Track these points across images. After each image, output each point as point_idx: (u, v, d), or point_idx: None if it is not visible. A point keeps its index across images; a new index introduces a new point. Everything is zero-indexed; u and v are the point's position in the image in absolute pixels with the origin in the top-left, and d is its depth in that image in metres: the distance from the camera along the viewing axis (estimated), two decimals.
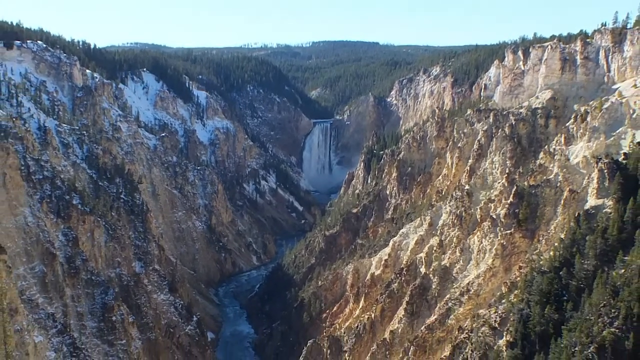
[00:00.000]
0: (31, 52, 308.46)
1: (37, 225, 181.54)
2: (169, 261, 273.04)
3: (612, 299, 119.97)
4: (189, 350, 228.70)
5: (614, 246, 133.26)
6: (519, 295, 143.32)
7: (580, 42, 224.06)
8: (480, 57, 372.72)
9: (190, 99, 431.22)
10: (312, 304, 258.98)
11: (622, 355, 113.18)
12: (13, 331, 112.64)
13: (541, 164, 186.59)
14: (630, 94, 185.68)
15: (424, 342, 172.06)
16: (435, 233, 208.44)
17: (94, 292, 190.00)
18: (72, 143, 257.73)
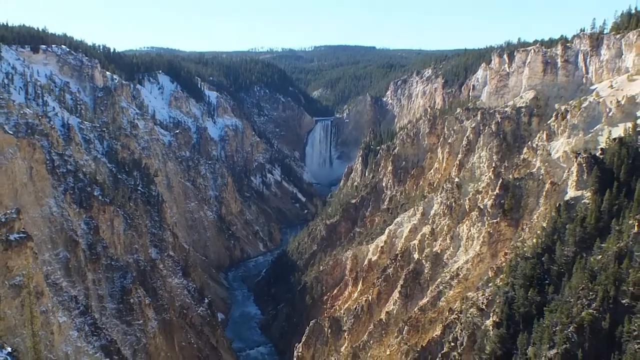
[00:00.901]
0: (56, 55, 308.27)
1: (61, 214, 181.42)
2: (183, 248, 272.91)
3: (590, 282, 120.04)
4: (201, 330, 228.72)
5: (591, 234, 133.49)
6: (505, 279, 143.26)
7: (560, 46, 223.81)
8: (468, 60, 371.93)
9: (202, 99, 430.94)
10: (314, 287, 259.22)
11: (599, 334, 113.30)
12: (39, 312, 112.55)
13: (525, 159, 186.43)
14: (607, 94, 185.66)
15: (417, 322, 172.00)
16: (428, 222, 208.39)
17: (113, 276, 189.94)
18: (94, 139, 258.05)
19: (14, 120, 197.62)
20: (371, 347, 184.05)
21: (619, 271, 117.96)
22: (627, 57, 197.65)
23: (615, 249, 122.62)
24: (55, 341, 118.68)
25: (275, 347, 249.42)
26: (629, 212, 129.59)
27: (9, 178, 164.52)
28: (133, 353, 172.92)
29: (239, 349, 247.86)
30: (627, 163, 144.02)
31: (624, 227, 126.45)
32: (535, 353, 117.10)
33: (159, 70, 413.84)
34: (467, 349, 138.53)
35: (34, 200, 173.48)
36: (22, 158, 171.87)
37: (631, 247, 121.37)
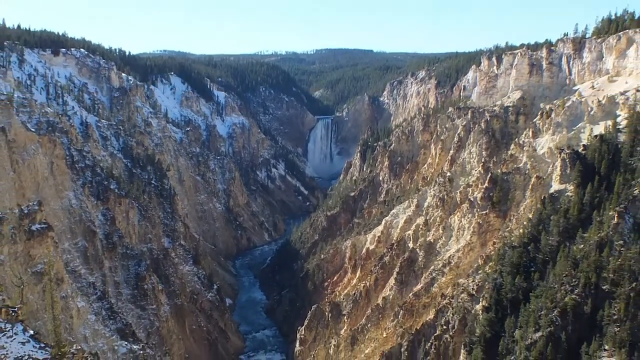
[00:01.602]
0: (75, 58, 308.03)
1: (80, 206, 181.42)
2: (193, 237, 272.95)
3: (573, 270, 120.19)
4: (210, 314, 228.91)
5: (574, 225, 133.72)
6: (493, 266, 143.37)
7: (545, 49, 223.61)
8: (459, 63, 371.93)
9: (211, 99, 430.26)
10: (315, 274, 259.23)
11: (581, 318, 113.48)
12: (59, 297, 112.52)
13: (512, 154, 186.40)
14: (589, 94, 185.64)
15: (412, 307, 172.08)
16: (421, 213, 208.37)
17: (128, 264, 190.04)
18: (110, 136, 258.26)
19: (36, 119, 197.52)
20: (369, 330, 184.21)
21: (600, 259, 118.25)
22: (607, 59, 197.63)
23: (596, 239, 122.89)
24: (75, 324, 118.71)
25: (280, 330, 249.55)
26: (609, 204, 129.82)
27: (32, 172, 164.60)
28: (147, 335, 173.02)
29: (246, 332, 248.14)
30: (607, 158, 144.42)
31: (604, 218, 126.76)
32: (521, 335, 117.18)
33: (171, 72, 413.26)
34: (458, 331, 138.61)
35: (55, 193, 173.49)
36: (44, 154, 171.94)
37: (611, 236, 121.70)
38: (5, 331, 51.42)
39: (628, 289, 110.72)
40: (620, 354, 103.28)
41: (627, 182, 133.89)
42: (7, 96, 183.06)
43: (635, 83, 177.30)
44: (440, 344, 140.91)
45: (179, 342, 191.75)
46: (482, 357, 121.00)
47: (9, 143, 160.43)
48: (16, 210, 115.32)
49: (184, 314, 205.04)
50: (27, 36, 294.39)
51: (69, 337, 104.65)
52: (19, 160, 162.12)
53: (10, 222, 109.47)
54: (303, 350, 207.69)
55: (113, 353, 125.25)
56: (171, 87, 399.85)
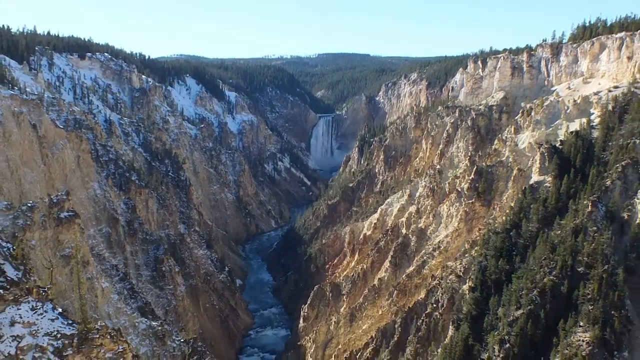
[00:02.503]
0: (99, 61, 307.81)
1: (104, 196, 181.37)
2: (206, 224, 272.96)
3: (551, 253, 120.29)
4: (222, 294, 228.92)
5: (552, 213, 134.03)
6: (479, 250, 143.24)
7: (526, 54, 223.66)
8: (448, 66, 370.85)
9: (223, 98, 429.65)
10: (317, 258, 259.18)
11: (559, 297, 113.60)
12: (85, 278, 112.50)
13: (496, 149, 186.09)
14: (565, 94, 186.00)
15: (405, 287, 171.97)
16: (414, 202, 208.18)
17: (148, 248, 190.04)
18: (131, 132, 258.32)
19: (64, 117, 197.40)
20: (366, 308, 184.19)
21: (575, 244, 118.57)
22: (582, 63, 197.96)
23: (572, 225, 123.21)
24: (99, 303, 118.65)
25: (285, 308, 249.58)
26: (584, 194, 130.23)
27: (60, 165, 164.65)
28: (165, 313, 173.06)
29: (254, 310, 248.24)
30: (582, 152, 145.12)
31: (579, 207, 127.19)
32: (504, 313, 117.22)
33: (186, 74, 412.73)
34: (447, 309, 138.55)
35: (81, 184, 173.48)
36: (71, 148, 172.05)
37: (585, 223, 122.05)
38: (36, 309, 51.38)
39: (601, 271, 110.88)
40: (593, 330, 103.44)
41: (600, 174, 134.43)
42: (38, 96, 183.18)
43: (608, 84, 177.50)
44: (431, 321, 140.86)
45: (194, 319, 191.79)
46: (469, 332, 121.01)
47: (39, 139, 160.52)
48: (46, 200, 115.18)
49: (198, 293, 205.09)
50: (56, 42, 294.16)
51: (94, 315, 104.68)
52: (48, 154, 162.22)
53: (40, 210, 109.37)
54: (306, 327, 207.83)
55: (134, 329, 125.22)
56: (187, 87, 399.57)
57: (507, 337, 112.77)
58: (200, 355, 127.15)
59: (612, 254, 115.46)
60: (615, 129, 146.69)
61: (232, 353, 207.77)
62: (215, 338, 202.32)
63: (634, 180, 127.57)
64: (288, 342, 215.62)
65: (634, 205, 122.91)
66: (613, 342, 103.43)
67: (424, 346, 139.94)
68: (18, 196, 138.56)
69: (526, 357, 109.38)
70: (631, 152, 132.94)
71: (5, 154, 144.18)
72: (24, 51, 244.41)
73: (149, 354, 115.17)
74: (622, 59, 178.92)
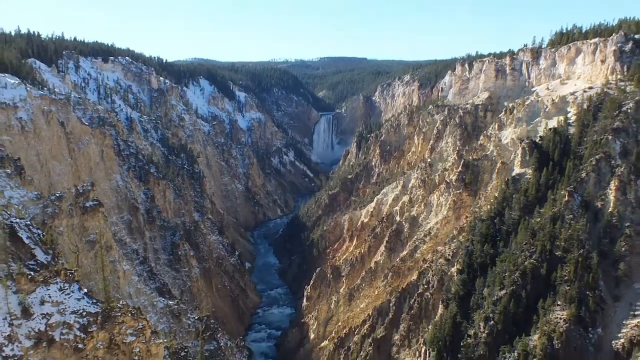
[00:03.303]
0: (121, 64, 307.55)
1: (125, 187, 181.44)
2: (218, 212, 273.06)
3: (531, 239, 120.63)
4: (233, 275, 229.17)
5: (532, 202, 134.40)
6: (466, 236, 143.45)
7: (509, 57, 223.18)
8: (438, 68, 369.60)
9: (233, 98, 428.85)
10: (319, 243, 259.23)
11: (538, 278, 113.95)
12: (108, 262, 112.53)
13: (481, 144, 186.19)
14: (544, 95, 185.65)
15: (398, 269, 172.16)
16: (407, 192, 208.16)
17: (165, 234, 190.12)
18: (150, 129, 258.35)
19: (89, 115, 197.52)
20: (363, 289, 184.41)
21: (554, 230, 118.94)
22: (559, 66, 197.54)
23: (550, 213, 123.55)
24: (121, 284, 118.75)
25: (290, 289, 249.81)
26: (561, 185, 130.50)
27: (85, 159, 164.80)
28: (180, 293, 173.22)
29: (262, 290, 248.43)
30: (560, 147, 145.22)
31: (557, 197, 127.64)
32: (489, 293, 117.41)
33: (200, 76, 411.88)
34: (436, 290, 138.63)
35: (105, 176, 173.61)
36: (95, 143, 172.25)
37: (562, 212, 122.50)
38: (64, 290, 51.42)
39: (577, 255, 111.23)
40: (570, 308, 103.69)
41: (576, 166, 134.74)
42: (66, 96, 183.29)
43: (583, 85, 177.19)
44: (422, 300, 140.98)
45: (207, 298, 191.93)
46: (457, 311, 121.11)
47: (67, 135, 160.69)
48: (73, 190, 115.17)
49: (211, 275, 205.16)
50: (82, 47, 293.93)
51: (116, 295, 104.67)
52: (75, 149, 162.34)
53: (68, 199, 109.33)
54: (309, 305, 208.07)
55: (153, 307, 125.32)
56: (200, 88, 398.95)
57: (491, 315, 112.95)
58: (213, 332, 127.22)
59: (586, 239, 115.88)
60: (589, 126, 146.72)
61: (242, 329, 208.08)
62: (226, 316, 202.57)
63: (607, 172, 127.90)
64: (292, 320, 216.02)
65: (607, 195, 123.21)
66: (588, 319, 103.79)
67: (416, 323, 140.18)
68: (47, 187, 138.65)
69: (509, 333, 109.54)
70: (604, 147, 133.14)
71: (35, 148, 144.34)
72: (52, 55, 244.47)
73: (166, 331, 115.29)
74: (596, 62, 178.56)
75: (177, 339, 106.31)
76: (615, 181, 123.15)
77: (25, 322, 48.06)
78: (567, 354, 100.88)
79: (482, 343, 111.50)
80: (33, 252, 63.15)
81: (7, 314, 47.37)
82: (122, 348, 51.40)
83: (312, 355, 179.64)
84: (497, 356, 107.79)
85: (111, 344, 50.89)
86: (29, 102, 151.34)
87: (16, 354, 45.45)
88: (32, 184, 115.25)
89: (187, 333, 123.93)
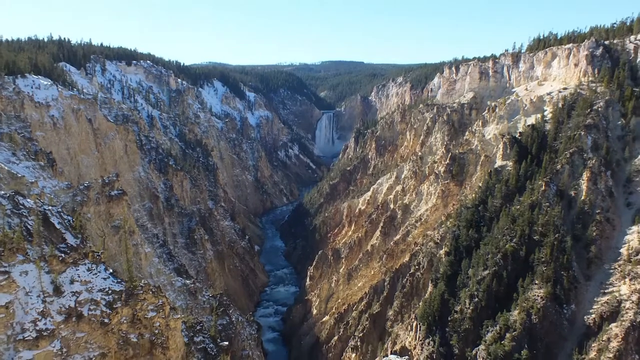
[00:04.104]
0: (143, 67, 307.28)
1: (147, 177, 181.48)
2: (230, 200, 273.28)
3: (512, 224, 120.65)
4: (243, 257, 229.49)
5: (512, 191, 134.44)
6: (453, 222, 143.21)
7: (491, 61, 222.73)
8: (428, 71, 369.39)
9: (244, 98, 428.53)
10: (321, 228, 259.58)
11: (518, 260, 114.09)
12: (131, 245, 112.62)
13: (467, 139, 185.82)
14: (523, 95, 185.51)
15: (392, 252, 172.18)
16: (400, 182, 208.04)
17: (182, 220, 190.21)
18: (169, 125, 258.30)
19: (114, 113, 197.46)
20: (361, 269, 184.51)
21: (532, 216, 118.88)
22: (537, 69, 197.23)
23: (529, 202, 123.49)
24: (143, 265, 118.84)
25: (295, 269, 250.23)
26: (539, 176, 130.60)
27: (111, 152, 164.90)
28: (196, 273, 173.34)
29: (270, 270, 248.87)
30: (537, 142, 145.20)
31: (535, 187, 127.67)
32: (473, 273, 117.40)
33: (214, 78, 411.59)
34: (426, 270, 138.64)
35: (128, 168, 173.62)
36: (120, 139, 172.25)
37: (540, 200, 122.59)
38: (91, 270, 51.53)
39: (552, 239, 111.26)
40: (546, 287, 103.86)
41: (552, 159, 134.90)
42: (93, 96, 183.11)
43: (558, 86, 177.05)
44: (414, 279, 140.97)
45: (220, 278, 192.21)
46: (444, 289, 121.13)
47: (94, 131, 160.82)
48: (99, 180, 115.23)
49: (223, 257, 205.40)
50: (107, 51, 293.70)
51: (139, 275, 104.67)
52: (101, 143, 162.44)
53: (95, 189, 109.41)
54: (312, 284, 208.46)
55: (171, 286, 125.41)
56: (214, 89, 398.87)
57: (475, 293, 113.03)
58: (225, 308, 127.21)
59: (561, 225, 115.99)
60: (564, 122, 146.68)
61: (252, 306, 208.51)
62: (237, 293, 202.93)
63: (580, 164, 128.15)
64: (297, 297, 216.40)
65: (580, 185, 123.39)
66: (562, 297, 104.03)
67: (408, 300, 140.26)
68: (77, 178, 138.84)
69: (491, 309, 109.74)
70: (577, 142, 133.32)
71: (66, 143, 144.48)
72: (81, 59, 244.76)
73: (184, 307, 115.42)
74: (570, 66, 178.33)
75: (193, 315, 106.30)
76: (587, 172, 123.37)
77: (56, 299, 48.18)
78: (543, 327, 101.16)
79: (467, 318, 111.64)
80: (64, 236, 63.13)
81: (41, 292, 47.51)
82: (143, 322, 51.53)
83: (315, 329, 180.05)
84: (481, 330, 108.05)
85: (134, 318, 51.01)
86: (60, 101, 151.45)
87: (49, 328, 45.65)
88: (62, 175, 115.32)
89: (202, 309, 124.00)
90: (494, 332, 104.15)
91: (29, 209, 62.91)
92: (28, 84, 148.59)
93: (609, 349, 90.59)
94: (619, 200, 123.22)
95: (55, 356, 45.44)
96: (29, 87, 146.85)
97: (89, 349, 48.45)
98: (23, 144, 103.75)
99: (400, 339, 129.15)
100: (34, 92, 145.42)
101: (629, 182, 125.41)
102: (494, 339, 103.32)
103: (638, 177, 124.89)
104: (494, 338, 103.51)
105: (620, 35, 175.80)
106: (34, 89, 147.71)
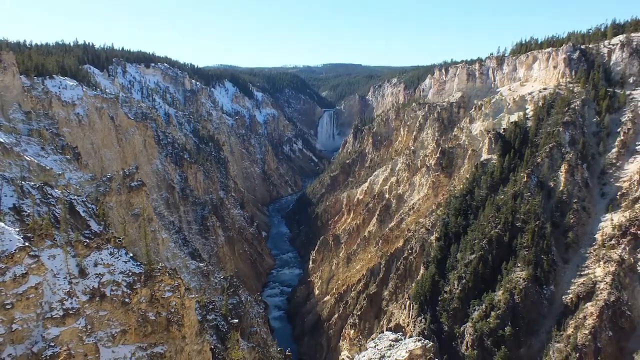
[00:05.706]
0: (160, 69, 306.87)
1: (164, 170, 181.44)
2: (240, 191, 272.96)
3: (496, 212, 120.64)
4: (252, 242, 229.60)
5: (497, 182, 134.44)
6: (443, 210, 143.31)
7: (478, 64, 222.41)
8: (420, 73, 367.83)
9: (252, 97, 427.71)
10: (323, 216, 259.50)
11: (502, 245, 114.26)
12: (150, 231, 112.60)
13: (455, 135, 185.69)
14: (507, 94, 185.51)
15: (388, 237, 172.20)
16: (394, 174, 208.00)
17: (196, 208, 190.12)
18: (184, 122, 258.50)
19: (134, 111, 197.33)
20: (359, 253, 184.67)
21: (515, 205, 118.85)
22: (519, 71, 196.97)
23: (512, 192, 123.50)
24: (160, 249, 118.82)
25: (299, 253, 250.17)
26: (521, 168, 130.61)
27: (131, 146, 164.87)
28: (209, 257, 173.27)
29: (276, 254, 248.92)
30: (520, 137, 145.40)
31: (517, 178, 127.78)
32: (461, 257, 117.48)
33: (225, 79, 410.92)
34: (419, 254, 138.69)
35: (147, 161, 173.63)
36: (139, 134, 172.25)
37: (522, 190, 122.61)
38: (113, 254, 51.55)
39: (533, 226, 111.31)
40: (528, 269, 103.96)
41: (533, 153, 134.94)
42: (115, 95, 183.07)
43: (538, 87, 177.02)
44: (407, 263, 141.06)
45: (231, 261, 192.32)
46: (435, 271, 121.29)
47: (116, 127, 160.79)
48: (121, 172, 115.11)
49: (234, 242, 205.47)
50: (128, 55, 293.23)
51: (156, 258, 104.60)
52: (122, 139, 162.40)
53: (116, 180, 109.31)
54: (314, 267, 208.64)
55: (186, 269, 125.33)
56: (225, 89, 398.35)
57: (463, 275, 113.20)
58: (235, 288, 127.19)
59: (541, 213, 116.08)
60: (544, 120, 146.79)
61: (259, 286, 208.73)
62: (246, 275, 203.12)
63: (558, 158, 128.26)
64: (301, 279, 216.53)
65: (558, 177, 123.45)
66: (542, 278, 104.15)
67: (402, 281, 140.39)
68: (100, 170, 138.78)
69: (478, 289, 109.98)
70: (556, 137, 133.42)
71: (90, 138, 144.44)
72: (104, 62, 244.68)
73: (197, 288, 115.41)
74: (549, 68, 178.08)
75: (206, 295, 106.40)
76: (565, 165, 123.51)
77: (81, 281, 48.23)
78: (525, 306, 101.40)
79: (456, 298, 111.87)
80: (88, 223, 63.11)
81: (67, 274, 47.54)
82: (161, 302, 51.57)
83: (317, 308, 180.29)
84: (468, 308, 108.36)
85: (152, 298, 51.06)
86: (85, 100, 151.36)
87: (74, 307, 45.73)
88: (87, 167, 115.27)
89: (214, 289, 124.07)
90: (480, 311, 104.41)
91: (56, 198, 62.97)
92: (56, 84, 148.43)
93: (585, 326, 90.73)
94: (594, 190, 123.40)
95: (80, 332, 45.55)
96: (57, 88, 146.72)
97: (111, 326, 48.61)
98: (51, 139, 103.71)
99: (395, 316, 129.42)
100: (61, 92, 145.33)
101: (603, 174, 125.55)
102: (480, 316, 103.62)
103: (611, 170, 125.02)
104: (480, 316, 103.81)
105: (595, 40, 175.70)
106: (61, 89, 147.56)
